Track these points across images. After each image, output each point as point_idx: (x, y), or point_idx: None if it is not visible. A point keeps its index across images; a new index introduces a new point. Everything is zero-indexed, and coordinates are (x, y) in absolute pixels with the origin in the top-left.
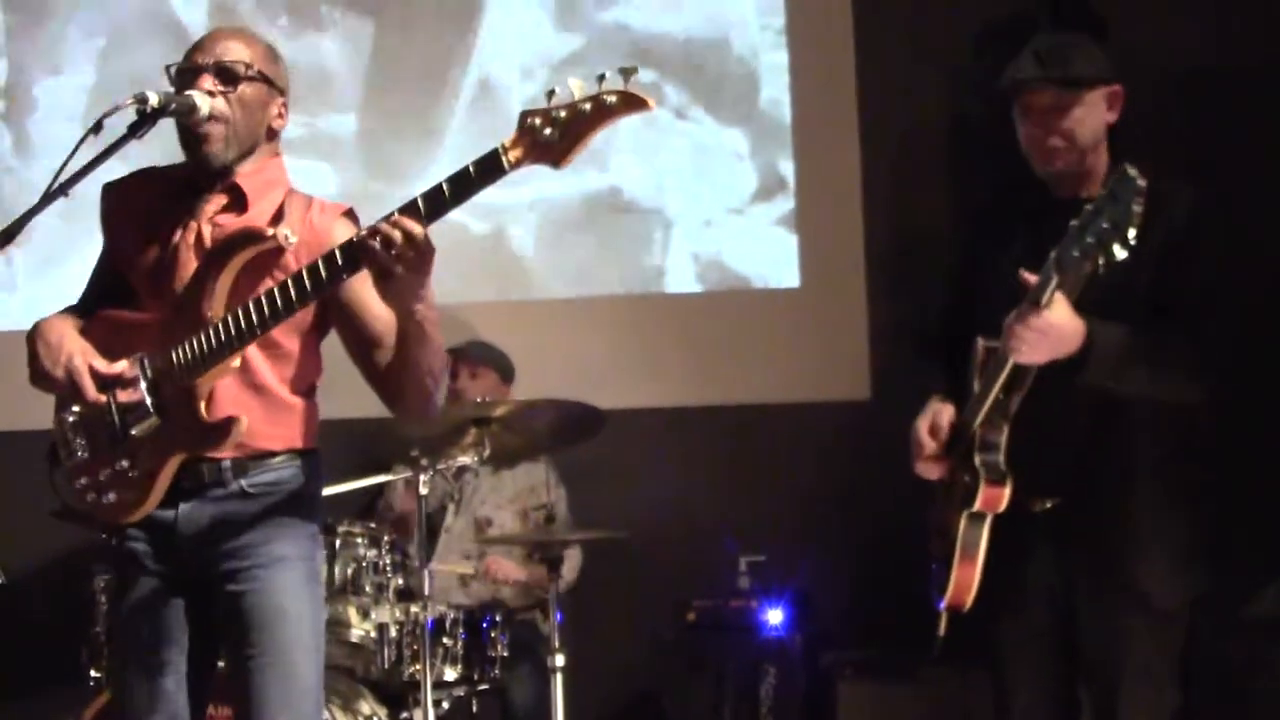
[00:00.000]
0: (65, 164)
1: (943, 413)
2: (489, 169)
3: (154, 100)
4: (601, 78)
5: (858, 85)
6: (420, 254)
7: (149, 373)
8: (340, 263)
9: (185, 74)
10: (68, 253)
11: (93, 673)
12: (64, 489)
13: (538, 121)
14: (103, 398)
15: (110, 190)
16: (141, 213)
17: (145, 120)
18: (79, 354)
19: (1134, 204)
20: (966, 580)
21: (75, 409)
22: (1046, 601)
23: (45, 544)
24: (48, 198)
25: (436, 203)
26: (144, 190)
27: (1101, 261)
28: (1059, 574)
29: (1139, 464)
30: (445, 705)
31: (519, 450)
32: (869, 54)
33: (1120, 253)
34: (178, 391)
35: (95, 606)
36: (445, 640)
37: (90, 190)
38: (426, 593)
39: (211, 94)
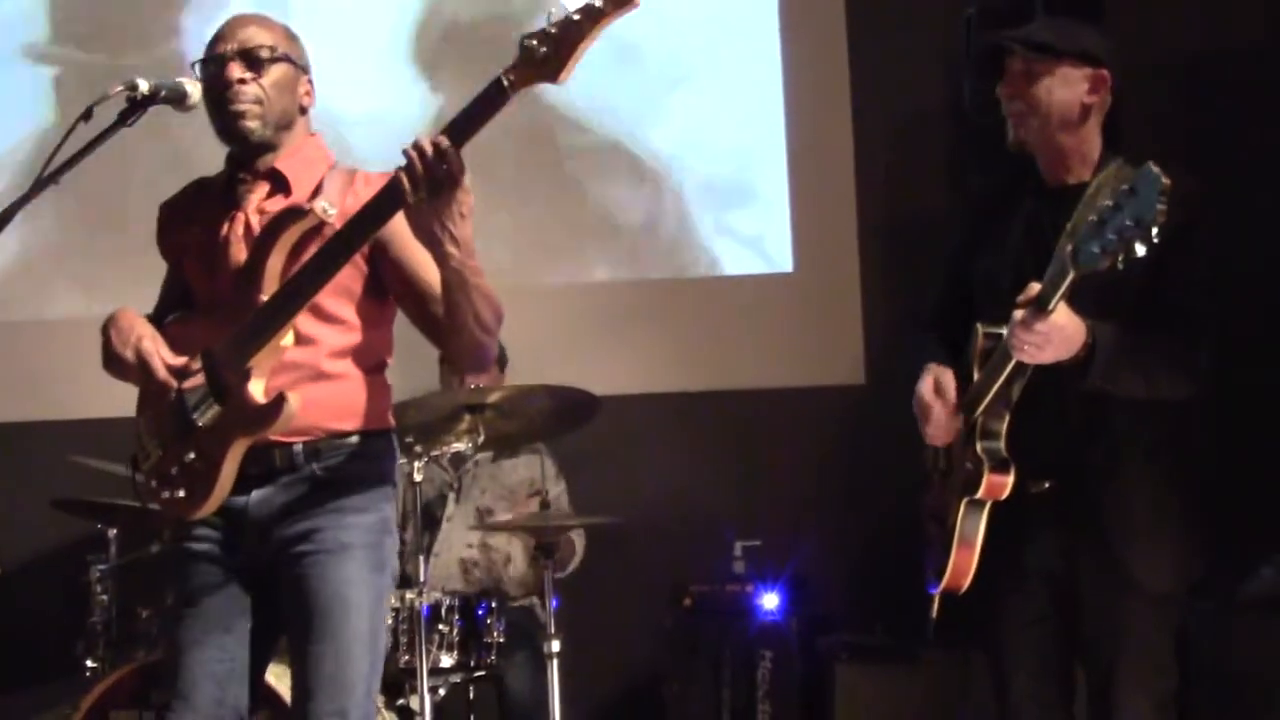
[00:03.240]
0: (55, 152)
1: (945, 374)
2: (493, 96)
3: (144, 87)
4: None
5: (850, 70)
6: (450, 171)
7: (211, 360)
8: (382, 203)
9: (210, 64)
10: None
11: (89, 663)
12: (144, 491)
13: (534, 42)
14: (173, 381)
15: (165, 206)
16: (191, 217)
17: (136, 107)
18: (149, 337)
19: (1158, 201)
20: (964, 566)
21: (150, 413)
22: (1046, 583)
23: (42, 534)
24: (38, 185)
25: (454, 133)
26: (191, 198)
27: (1121, 258)
28: (1059, 556)
29: (1133, 445)
30: (442, 692)
31: (514, 436)
32: (862, 38)
33: (1141, 249)
34: (235, 375)
35: (92, 597)
36: (441, 627)
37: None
38: (422, 579)
39: (243, 81)
